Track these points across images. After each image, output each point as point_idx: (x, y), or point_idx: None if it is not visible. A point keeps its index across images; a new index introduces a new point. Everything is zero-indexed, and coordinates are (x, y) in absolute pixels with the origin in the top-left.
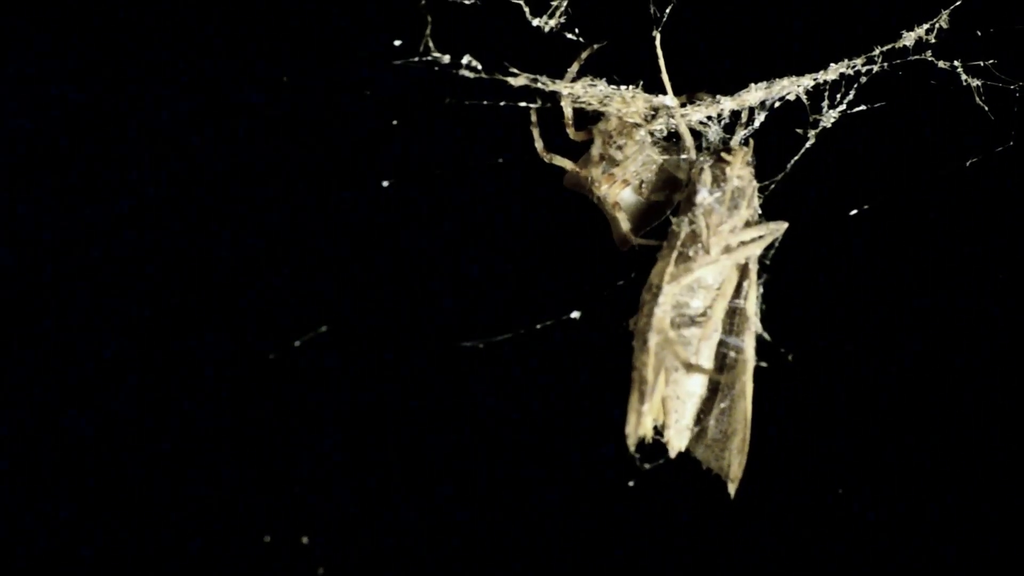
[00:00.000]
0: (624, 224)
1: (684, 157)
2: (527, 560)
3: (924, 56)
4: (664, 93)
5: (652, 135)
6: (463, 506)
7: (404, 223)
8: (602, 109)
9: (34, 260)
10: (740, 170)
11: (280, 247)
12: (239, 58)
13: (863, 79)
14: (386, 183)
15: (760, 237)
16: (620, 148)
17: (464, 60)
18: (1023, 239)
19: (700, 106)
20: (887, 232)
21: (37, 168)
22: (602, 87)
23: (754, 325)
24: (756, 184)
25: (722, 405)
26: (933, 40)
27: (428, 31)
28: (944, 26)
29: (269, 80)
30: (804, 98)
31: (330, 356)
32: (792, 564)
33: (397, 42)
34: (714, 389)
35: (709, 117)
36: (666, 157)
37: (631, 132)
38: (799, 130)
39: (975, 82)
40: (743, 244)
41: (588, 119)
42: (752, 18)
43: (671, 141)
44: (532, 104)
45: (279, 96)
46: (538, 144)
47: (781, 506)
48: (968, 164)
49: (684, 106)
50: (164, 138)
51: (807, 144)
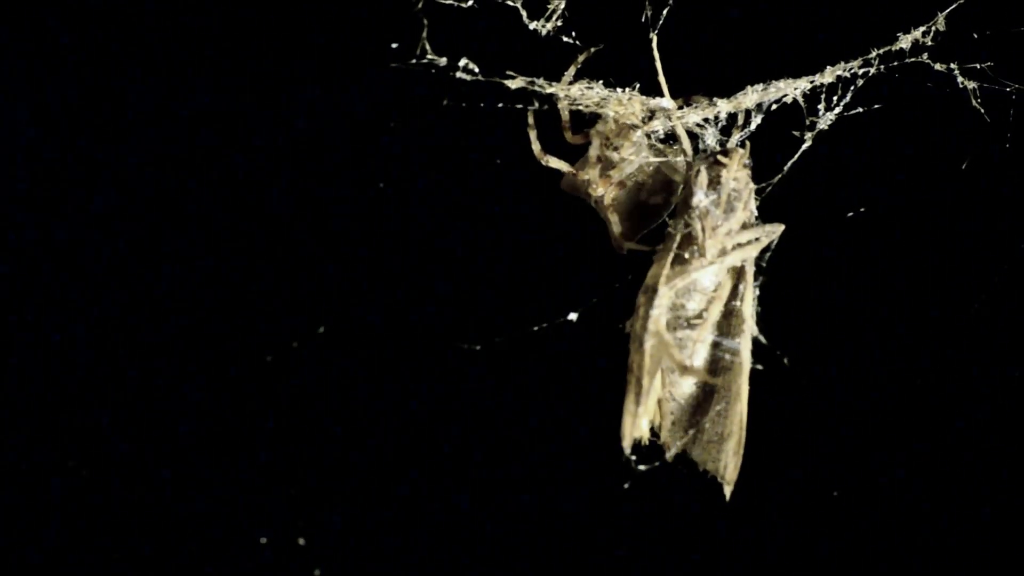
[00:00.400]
0: (620, 226)
1: (681, 159)
2: (525, 561)
3: (921, 59)
4: (661, 96)
5: (649, 137)
6: (460, 508)
7: (401, 225)
8: (599, 111)
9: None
10: (736, 172)
11: (277, 248)
12: (239, 58)
13: (860, 82)
14: (381, 185)
15: (756, 239)
16: (616, 150)
17: (461, 63)
18: (1020, 240)
19: (697, 109)
20: (884, 234)
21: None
22: (599, 90)
23: (750, 328)
24: (753, 186)
25: (718, 407)
26: (930, 43)
27: (425, 34)
28: (941, 29)
29: (268, 81)
30: (801, 101)
31: (328, 357)
32: (788, 566)
33: (394, 45)
34: (710, 391)
35: (706, 119)
36: (663, 159)
37: (628, 135)
38: (796, 132)
39: (971, 84)
40: (739, 246)
41: (585, 123)
42: (749, 21)
43: (668, 144)
44: (529, 106)
45: (279, 96)
46: (535, 146)
47: (777, 508)
48: (965, 166)
49: (681, 108)
50: (164, 138)
51: (804, 146)
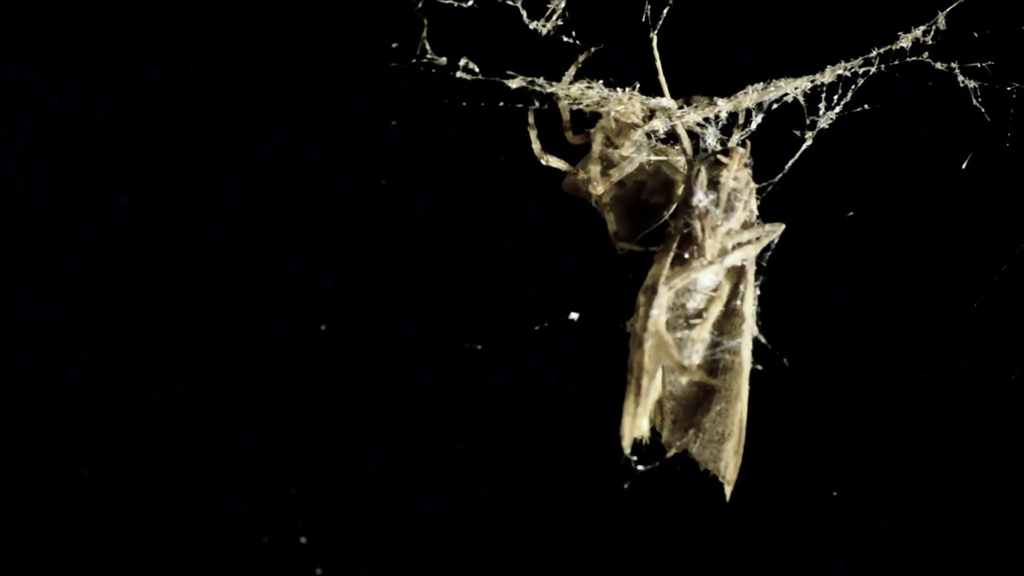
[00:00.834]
0: (620, 226)
1: (681, 159)
2: (524, 560)
3: (921, 58)
4: (661, 95)
5: (649, 137)
6: (460, 507)
7: (401, 225)
8: (599, 111)
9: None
10: (737, 172)
11: (277, 248)
12: (239, 58)
13: (860, 81)
14: (382, 183)
15: (756, 239)
16: (617, 150)
17: (461, 62)
18: (1021, 240)
19: (697, 108)
20: (884, 233)
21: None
22: (599, 90)
23: (750, 327)
24: (754, 186)
25: (718, 407)
26: (930, 42)
27: (424, 33)
28: (941, 28)
29: (268, 81)
30: (801, 100)
31: (329, 357)
32: (788, 566)
33: (394, 44)
34: (710, 391)
35: (706, 119)
36: (663, 159)
37: (628, 134)
38: (796, 132)
39: (972, 84)
40: (739, 246)
41: (586, 123)
42: (749, 20)
43: (669, 143)
44: (529, 106)
45: (279, 96)
46: (535, 145)
47: (777, 508)
48: (965, 165)
49: (681, 108)
50: (164, 139)
51: (804, 146)
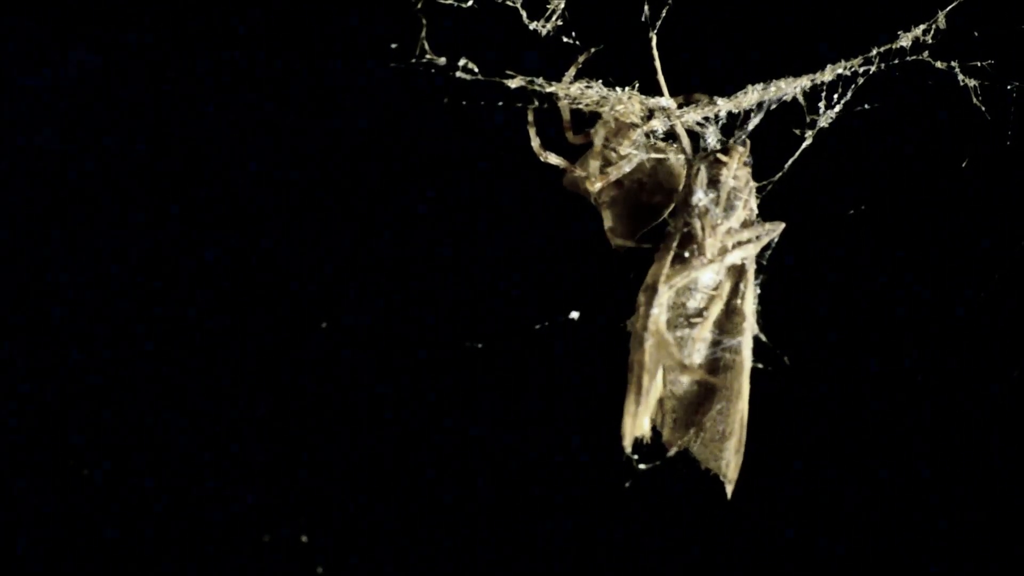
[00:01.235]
0: (620, 225)
1: (680, 158)
2: (526, 560)
3: (921, 57)
4: (660, 95)
5: (649, 137)
6: (461, 506)
7: (401, 224)
8: (599, 110)
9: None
10: (737, 171)
11: (276, 248)
12: (238, 58)
13: (860, 80)
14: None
15: (756, 238)
16: (616, 150)
17: (460, 62)
18: (1021, 238)
19: (697, 107)
20: (884, 232)
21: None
22: (598, 89)
23: (751, 326)
24: (753, 185)
25: (719, 406)
26: (930, 41)
27: (423, 34)
28: (941, 27)
29: (268, 80)
30: (801, 99)
31: (329, 357)
32: (789, 564)
33: (394, 45)
34: (711, 390)
35: (706, 118)
36: (662, 157)
37: (628, 134)
38: (797, 131)
39: (972, 82)
40: (739, 245)
41: (586, 123)
42: (749, 19)
43: (668, 142)
44: (529, 104)
45: (279, 95)
46: (534, 142)
47: (778, 507)
48: (965, 164)
49: (681, 107)
50: (164, 139)
51: (804, 144)
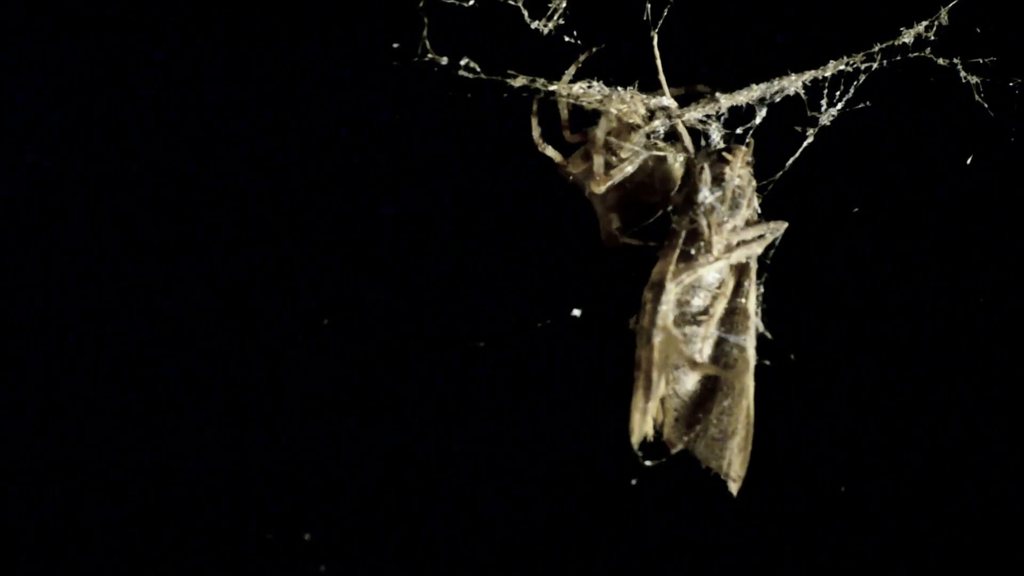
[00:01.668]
0: (612, 220)
1: (681, 157)
2: (529, 558)
3: (923, 53)
4: (661, 94)
5: (648, 137)
6: (464, 504)
7: (401, 223)
8: (600, 108)
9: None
10: (740, 169)
11: (276, 248)
12: (237, 57)
13: (862, 77)
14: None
15: (760, 237)
16: (617, 149)
17: (462, 62)
18: (1023, 237)
19: (699, 105)
20: (886, 230)
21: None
22: (599, 88)
23: (754, 324)
24: (755, 183)
25: (723, 404)
26: (932, 37)
27: (425, 33)
28: (944, 23)
29: (268, 79)
30: (803, 95)
31: (330, 356)
32: (795, 563)
33: (395, 44)
34: (712, 388)
35: (708, 116)
36: (659, 154)
37: (626, 136)
38: (798, 128)
39: (974, 79)
40: (744, 243)
41: (584, 123)
42: (751, 16)
43: (666, 141)
44: (536, 94)
45: (279, 95)
46: (535, 132)
47: (783, 504)
48: (968, 161)
49: (682, 98)
50: (164, 139)
51: (806, 142)
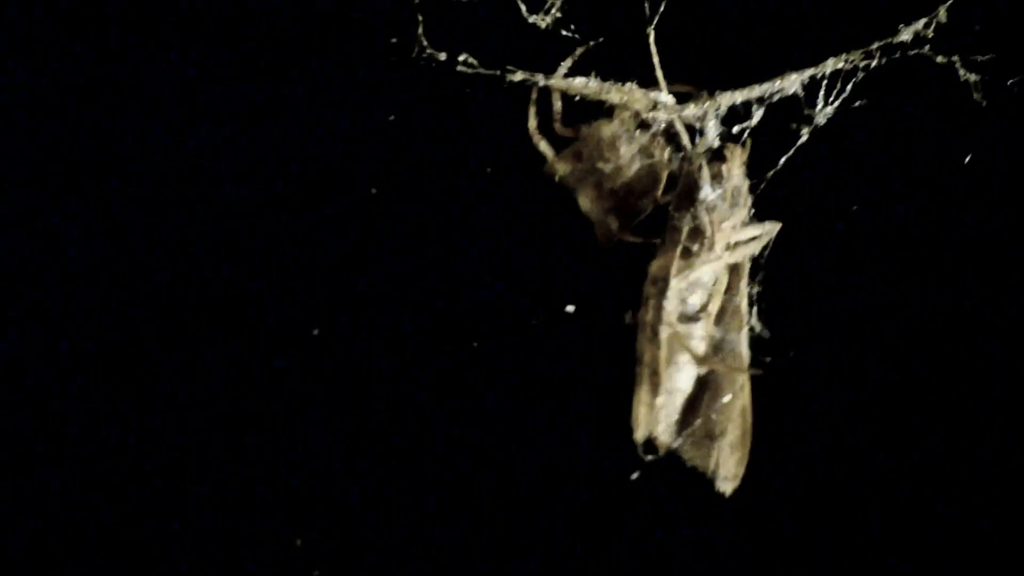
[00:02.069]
0: (604, 220)
1: (680, 154)
2: (529, 557)
3: (922, 51)
4: (658, 90)
5: (641, 133)
6: (462, 503)
7: (399, 221)
8: (601, 97)
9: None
10: (737, 168)
11: (275, 248)
12: (236, 56)
13: (860, 74)
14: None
15: (759, 236)
16: (602, 153)
17: (460, 57)
18: (1022, 235)
19: (695, 103)
20: (883, 229)
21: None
22: (595, 83)
23: (747, 324)
24: (748, 183)
25: (713, 404)
26: (931, 35)
27: (420, 29)
28: (942, 21)
29: (266, 77)
30: (800, 93)
31: (327, 356)
32: (795, 563)
33: (393, 40)
34: (703, 388)
35: (705, 113)
36: (652, 154)
37: (618, 140)
38: (794, 125)
39: (973, 77)
40: (743, 242)
41: (576, 118)
42: (748, 13)
43: (657, 140)
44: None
45: (277, 92)
46: (531, 122)
47: (779, 504)
48: (966, 160)
49: (676, 94)
50: (163, 139)
51: (801, 140)
